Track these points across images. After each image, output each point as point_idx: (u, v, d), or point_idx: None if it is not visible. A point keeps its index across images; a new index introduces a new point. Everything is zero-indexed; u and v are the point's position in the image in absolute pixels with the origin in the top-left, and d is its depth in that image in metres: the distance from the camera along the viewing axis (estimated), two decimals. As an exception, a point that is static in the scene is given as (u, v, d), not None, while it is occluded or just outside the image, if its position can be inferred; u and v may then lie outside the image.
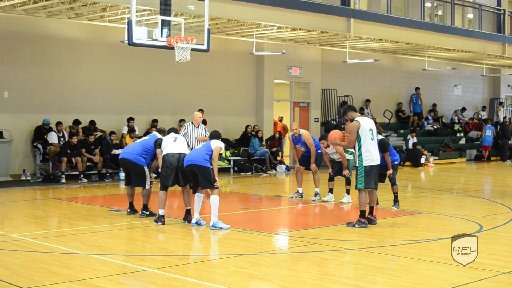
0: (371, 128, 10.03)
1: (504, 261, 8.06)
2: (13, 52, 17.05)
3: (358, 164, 10.01)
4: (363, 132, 9.95)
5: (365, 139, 9.94)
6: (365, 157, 9.93)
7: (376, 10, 22.33)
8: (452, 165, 24.91)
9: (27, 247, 8.65)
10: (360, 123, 9.99)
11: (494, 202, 13.68)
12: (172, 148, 10.44)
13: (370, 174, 9.93)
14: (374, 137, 10.09)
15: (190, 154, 10.23)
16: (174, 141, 10.59)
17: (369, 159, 9.94)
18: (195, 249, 8.99)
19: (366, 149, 9.94)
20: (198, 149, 10.35)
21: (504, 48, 26.15)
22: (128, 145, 12.51)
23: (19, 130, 17.03)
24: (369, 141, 9.98)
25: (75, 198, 14.39)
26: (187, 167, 10.07)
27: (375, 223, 10.17)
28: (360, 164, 9.97)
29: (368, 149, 9.94)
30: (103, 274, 7.11)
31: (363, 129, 9.96)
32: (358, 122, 10.02)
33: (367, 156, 9.94)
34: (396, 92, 27.27)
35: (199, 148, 10.35)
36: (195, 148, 10.91)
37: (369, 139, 9.98)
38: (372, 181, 9.97)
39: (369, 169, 9.93)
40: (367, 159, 9.94)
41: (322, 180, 13.73)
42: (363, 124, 10.01)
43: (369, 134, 9.99)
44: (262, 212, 12.44)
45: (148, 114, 19.22)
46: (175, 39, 13.30)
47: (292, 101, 23.30)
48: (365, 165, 9.92)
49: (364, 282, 7.06)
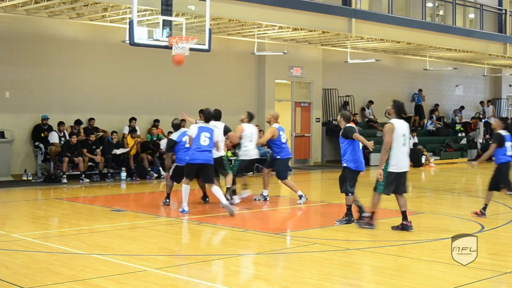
0: (404, 133, 9.65)
1: (505, 261, 8.06)
2: (14, 52, 17.06)
3: (384, 167, 9.62)
4: (396, 137, 9.55)
5: (397, 144, 9.56)
6: (392, 162, 9.56)
7: (377, 10, 22.33)
8: (453, 165, 24.91)
9: (29, 247, 8.66)
10: (394, 126, 9.58)
11: (495, 202, 13.66)
12: None
13: (393, 182, 9.59)
14: (406, 143, 9.66)
15: None
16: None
17: (396, 166, 9.57)
18: (196, 249, 8.99)
19: (394, 154, 9.57)
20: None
21: (506, 48, 26.16)
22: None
23: (21, 130, 17.04)
24: (400, 147, 9.60)
25: (76, 198, 14.40)
26: None
27: (411, 229, 9.78)
28: (386, 169, 9.60)
29: (396, 154, 9.57)
30: (105, 274, 7.11)
31: (397, 133, 9.58)
32: (393, 124, 9.58)
33: (394, 162, 9.57)
34: (397, 92, 27.24)
35: None
36: None
37: (400, 145, 9.60)
38: (393, 188, 9.65)
39: (394, 176, 9.57)
40: (394, 166, 9.57)
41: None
42: (398, 127, 9.61)
43: (401, 139, 9.60)
44: (263, 212, 12.44)
45: (150, 114, 19.22)
46: (176, 39, 13.31)
47: (294, 101, 23.30)
48: (389, 170, 9.56)
49: (365, 282, 7.06)
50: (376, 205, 9.90)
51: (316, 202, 14.24)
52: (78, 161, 16.61)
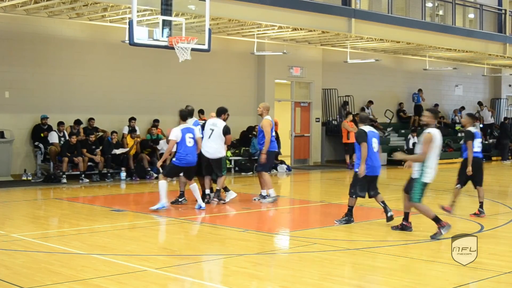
0: (441, 143, 9.34)
1: (505, 261, 8.06)
2: (14, 52, 17.05)
3: (416, 176, 9.23)
4: (434, 147, 9.16)
5: (434, 154, 9.17)
6: (427, 173, 9.14)
7: (377, 10, 22.33)
8: (453, 165, 24.86)
9: (28, 247, 8.65)
10: (433, 136, 9.13)
11: (495, 202, 13.67)
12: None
13: (425, 191, 9.28)
14: (439, 153, 9.29)
15: None
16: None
17: (430, 177, 9.21)
18: (196, 249, 8.99)
19: (430, 164, 9.14)
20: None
21: (505, 48, 26.15)
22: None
23: (20, 130, 17.04)
24: (435, 157, 9.20)
25: (76, 198, 14.40)
26: None
27: (410, 230, 9.71)
28: (420, 178, 9.18)
29: (431, 165, 9.15)
30: (104, 274, 7.11)
31: (436, 143, 9.16)
32: (432, 134, 9.15)
33: (429, 173, 9.15)
34: (397, 92, 27.26)
35: None
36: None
37: (436, 155, 9.21)
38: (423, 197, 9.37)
39: (426, 186, 9.26)
40: (428, 176, 9.16)
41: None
42: (437, 137, 9.22)
43: (438, 149, 9.20)
44: (263, 212, 12.44)
45: (149, 114, 19.22)
46: (176, 39, 13.31)
47: (293, 101, 23.30)
48: (424, 181, 9.19)
49: (365, 282, 7.06)
50: (427, 210, 9.39)
51: (316, 202, 14.24)
52: (77, 161, 16.61)
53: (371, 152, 10.26)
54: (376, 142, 10.38)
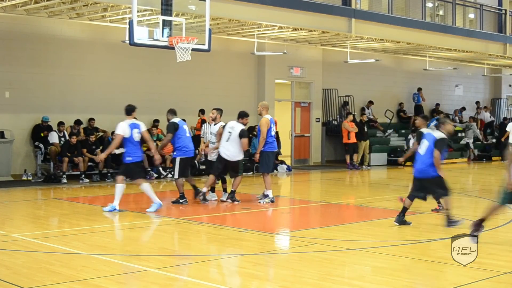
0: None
1: (505, 261, 8.05)
2: (14, 52, 17.06)
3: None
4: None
5: None
6: None
7: (377, 10, 22.32)
8: (453, 165, 24.88)
9: (28, 247, 8.65)
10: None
11: (495, 202, 13.65)
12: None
13: None
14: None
15: None
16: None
17: None
18: (196, 249, 8.99)
19: None
20: None
21: (505, 48, 26.15)
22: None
23: (20, 130, 17.04)
24: None
25: (76, 198, 14.40)
26: None
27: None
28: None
29: None
30: (104, 274, 7.11)
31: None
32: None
33: None
34: (397, 92, 27.26)
35: None
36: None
37: None
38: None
39: None
40: None
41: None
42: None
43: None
44: (263, 212, 12.44)
45: (149, 114, 19.19)
46: (176, 39, 13.32)
47: (293, 101, 23.30)
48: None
49: (365, 282, 7.06)
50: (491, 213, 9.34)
51: (316, 202, 14.24)
52: (78, 161, 16.61)
53: (418, 153, 10.43)
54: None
